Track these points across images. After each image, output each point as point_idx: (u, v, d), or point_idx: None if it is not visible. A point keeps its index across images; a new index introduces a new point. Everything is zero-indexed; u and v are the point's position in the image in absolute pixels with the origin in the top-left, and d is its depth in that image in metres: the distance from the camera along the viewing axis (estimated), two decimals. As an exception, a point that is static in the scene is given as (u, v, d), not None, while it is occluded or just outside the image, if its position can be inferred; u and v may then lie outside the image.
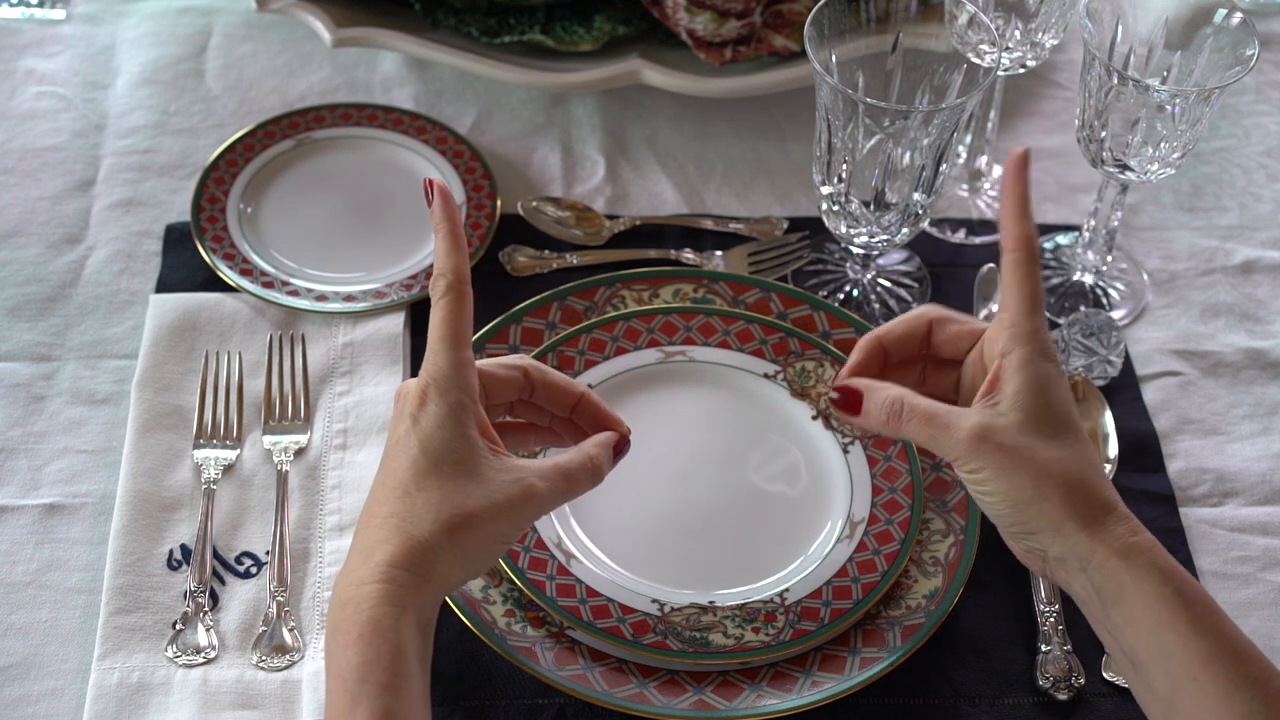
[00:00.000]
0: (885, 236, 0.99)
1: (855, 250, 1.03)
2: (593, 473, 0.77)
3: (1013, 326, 0.76)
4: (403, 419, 0.74)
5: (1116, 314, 1.08)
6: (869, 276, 1.08)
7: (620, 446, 0.80)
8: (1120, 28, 0.96)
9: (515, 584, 0.87)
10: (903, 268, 1.10)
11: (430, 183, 0.77)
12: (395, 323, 1.04)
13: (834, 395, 0.80)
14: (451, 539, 0.71)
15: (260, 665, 0.87)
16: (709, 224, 1.13)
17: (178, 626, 0.88)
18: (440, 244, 0.76)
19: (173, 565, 0.91)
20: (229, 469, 0.96)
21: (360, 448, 0.97)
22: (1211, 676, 0.69)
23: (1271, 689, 0.70)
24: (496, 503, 0.72)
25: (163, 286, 1.06)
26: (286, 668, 0.87)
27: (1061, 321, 1.06)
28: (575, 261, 1.09)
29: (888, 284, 1.09)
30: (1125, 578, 0.72)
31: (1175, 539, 0.96)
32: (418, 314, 1.05)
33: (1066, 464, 0.74)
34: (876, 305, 1.07)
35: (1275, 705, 0.69)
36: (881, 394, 0.78)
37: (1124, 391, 1.04)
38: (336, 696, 0.68)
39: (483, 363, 0.79)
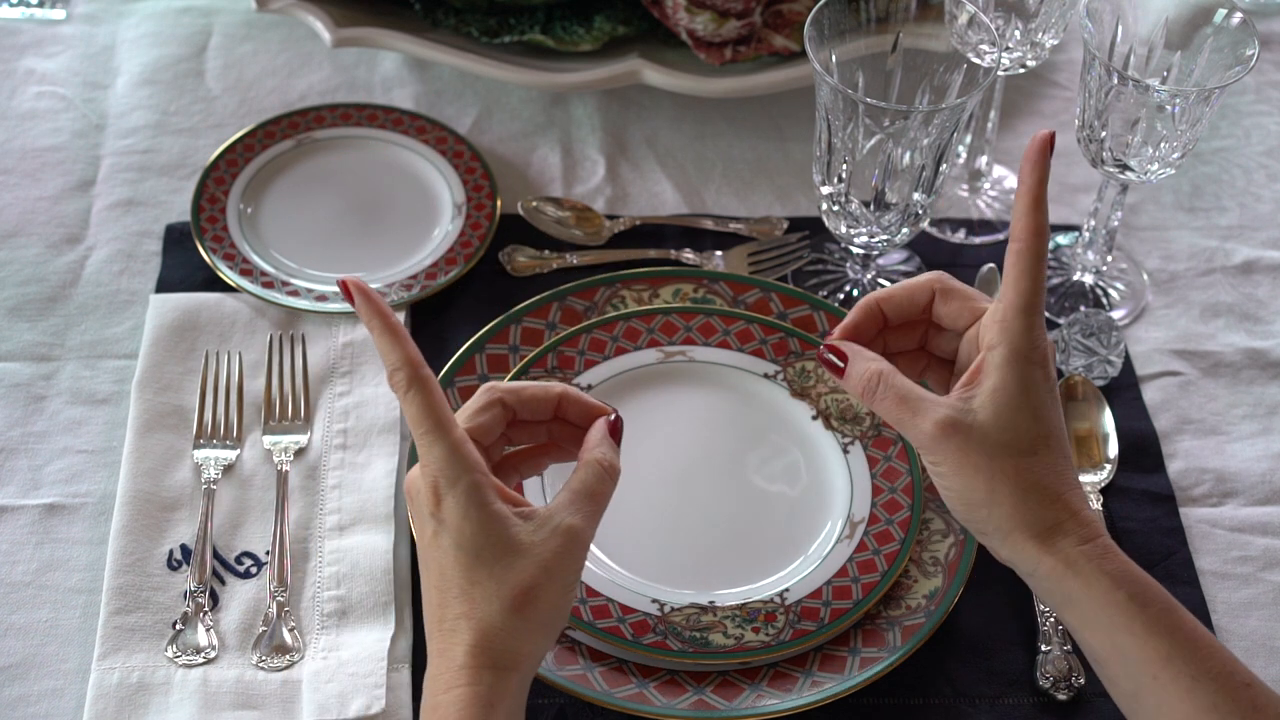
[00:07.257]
0: (885, 236, 0.99)
1: (855, 250, 1.03)
2: (608, 473, 0.74)
3: (1003, 322, 0.75)
4: (425, 521, 0.71)
5: (1116, 314, 1.08)
6: (869, 276, 1.08)
7: (615, 429, 0.77)
8: (1120, 28, 0.96)
9: (515, 584, 0.87)
10: (903, 268, 1.10)
11: (343, 283, 0.71)
12: (395, 323, 1.04)
13: (822, 350, 0.79)
14: (522, 616, 0.70)
15: (260, 665, 0.87)
16: (709, 224, 1.13)
17: (178, 626, 0.88)
18: (379, 341, 0.71)
19: (173, 565, 0.91)
20: (229, 469, 0.96)
21: (360, 448, 0.97)
22: (1171, 675, 0.70)
23: (1235, 681, 0.70)
24: (548, 563, 0.70)
25: (163, 286, 1.06)
26: (286, 668, 0.87)
27: (1061, 321, 1.06)
28: (575, 261, 1.09)
29: (888, 284, 1.09)
30: (1073, 585, 0.72)
31: (1175, 539, 0.96)
32: (418, 314, 1.05)
33: (1025, 472, 0.73)
34: (876, 305, 1.07)
35: (1240, 696, 0.69)
36: (864, 364, 0.77)
37: (1124, 391, 1.04)
38: None
39: (460, 421, 0.75)
